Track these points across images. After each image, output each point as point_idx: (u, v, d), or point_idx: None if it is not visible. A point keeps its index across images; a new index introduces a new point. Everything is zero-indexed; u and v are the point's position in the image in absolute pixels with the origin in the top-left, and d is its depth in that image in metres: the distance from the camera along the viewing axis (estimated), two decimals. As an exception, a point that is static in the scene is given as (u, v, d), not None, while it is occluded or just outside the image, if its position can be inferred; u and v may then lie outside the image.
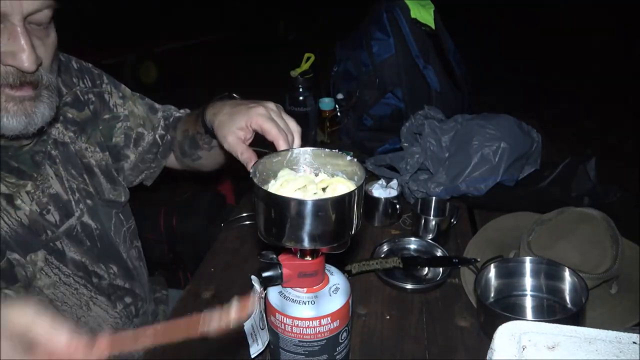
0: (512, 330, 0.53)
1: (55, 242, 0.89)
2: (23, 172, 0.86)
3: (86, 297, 0.93)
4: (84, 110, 0.99)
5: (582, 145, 3.81)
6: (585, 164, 1.24)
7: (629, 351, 0.50)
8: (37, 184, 0.87)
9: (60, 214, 0.90)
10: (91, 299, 0.94)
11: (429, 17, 1.51)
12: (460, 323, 0.94)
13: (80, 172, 0.96)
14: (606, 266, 0.94)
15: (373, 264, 1.06)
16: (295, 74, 1.55)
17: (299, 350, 0.73)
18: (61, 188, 0.92)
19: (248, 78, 5.80)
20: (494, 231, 1.19)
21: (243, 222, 1.29)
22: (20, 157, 0.86)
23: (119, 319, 1.00)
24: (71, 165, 0.94)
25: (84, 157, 0.97)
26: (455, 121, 1.35)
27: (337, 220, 0.64)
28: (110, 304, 0.98)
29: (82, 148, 0.97)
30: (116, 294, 0.99)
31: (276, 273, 0.71)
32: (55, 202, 0.90)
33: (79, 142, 0.97)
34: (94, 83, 1.02)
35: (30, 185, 0.87)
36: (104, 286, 0.97)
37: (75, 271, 0.92)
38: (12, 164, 0.85)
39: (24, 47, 0.71)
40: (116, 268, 1.00)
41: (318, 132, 1.69)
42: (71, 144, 0.95)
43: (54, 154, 0.92)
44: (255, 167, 0.70)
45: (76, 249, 0.92)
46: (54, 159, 0.91)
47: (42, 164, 0.89)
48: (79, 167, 0.96)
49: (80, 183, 0.95)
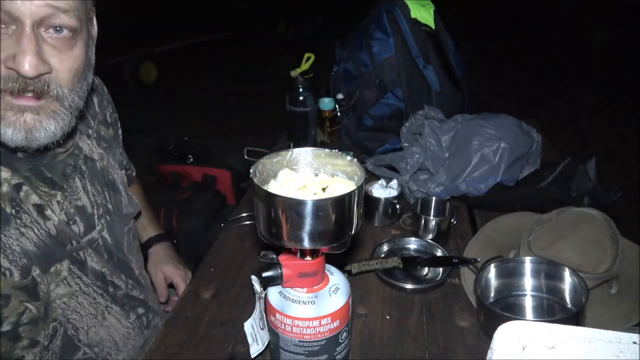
0: (512, 330, 0.53)
1: (79, 252, 0.90)
2: (55, 183, 0.87)
3: (102, 306, 0.94)
4: (109, 130, 1.05)
5: (582, 145, 3.81)
6: (585, 164, 1.24)
7: (629, 351, 0.50)
8: (65, 195, 0.88)
9: (85, 226, 0.92)
10: (107, 308, 0.95)
11: (429, 17, 1.51)
12: (460, 323, 0.94)
13: (104, 189, 0.98)
14: (606, 266, 0.94)
15: (373, 264, 1.06)
16: (295, 74, 1.55)
17: (299, 350, 0.73)
18: (87, 201, 0.93)
19: (248, 78, 5.81)
20: (494, 231, 1.19)
21: (243, 222, 1.29)
22: (53, 168, 0.87)
23: (132, 329, 1.01)
24: (97, 180, 0.96)
25: (109, 174, 1.00)
26: (455, 121, 1.35)
27: (337, 220, 0.64)
28: (124, 314, 0.99)
29: (109, 164, 1.01)
30: (130, 304, 1.01)
31: (276, 273, 0.71)
32: (81, 214, 0.91)
33: (107, 159, 1.00)
34: (114, 110, 1.10)
35: (60, 196, 0.87)
36: (120, 296, 0.99)
37: (95, 280, 0.93)
38: (46, 173, 0.86)
39: (26, 49, 0.69)
40: (132, 280, 1.02)
41: (318, 132, 1.69)
42: (98, 160, 0.98)
43: (84, 168, 0.94)
44: (255, 167, 0.70)
45: (97, 259, 0.94)
46: (83, 173, 0.93)
47: (72, 176, 0.90)
48: (102, 183, 0.98)
49: (102, 199, 0.97)
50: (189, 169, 2.01)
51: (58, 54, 0.74)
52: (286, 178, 0.71)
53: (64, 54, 0.74)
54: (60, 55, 0.74)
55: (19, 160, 0.82)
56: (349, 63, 1.60)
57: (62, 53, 0.74)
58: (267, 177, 0.72)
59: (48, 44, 0.72)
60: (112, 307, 0.96)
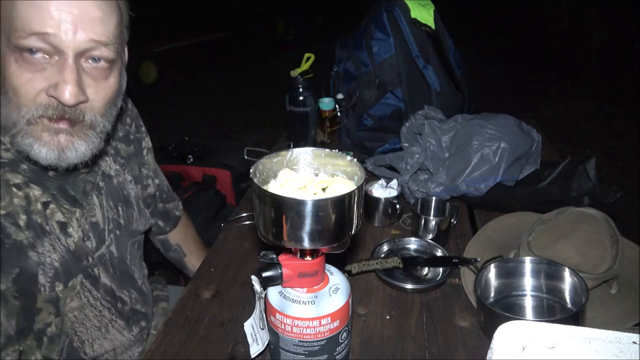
0: (512, 330, 0.53)
1: (93, 269, 0.93)
2: (76, 200, 0.90)
3: (107, 319, 0.96)
4: (130, 146, 1.07)
5: (582, 145, 3.81)
6: (585, 164, 1.24)
7: (629, 351, 0.50)
8: (83, 212, 0.91)
9: (96, 242, 0.94)
10: (111, 322, 0.97)
11: (429, 17, 1.51)
12: (460, 323, 0.94)
13: (117, 204, 1.00)
14: (606, 266, 0.94)
15: (373, 264, 1.06)
16: (295, 74, 1.55)
17: (299, 350, 0.73)
18: (101, 217, 0.96)
19: (248, 78, 5.81)
20: (494, 231, 1.19)
21: (243, 222, 1.29)
22: (76, 186, 0.90)
23: (133, 341, 1.03)
24: (112, 196, 0.99)
25: (124, 189, 1.03)
26: (455, 121, 1.35)
27: (337, 220, 0.64)
28: (127, 327, 1.01)
29: (125, 180, 1.04)
30: (134, 318, 1.03)
31: (276, 273, 0.71)
32: (94, 230, 0.94)
33: (123, 175, 1.03)
34: (139, 129, 1.11)
35: (79, 213, 0.90)
36: (125, 311, 1.01)
37: (104, 295, 0.95)
38: (69, 191, 0.89)
39: (67, 80, 0.72)
40: (136, 293, 1.04)
41: (318, 132, 1.69)
42: (115, 176, 1.01)
43: (101, 185, 0.96)
44: (255, 167, 0.70)
45: (106, 275, 0.96)
46: (100, 190, 0.96)
47: (91, 194, 0.93)
48: (117, 198, 1.00)
49: (114, 214, 0.99)
50: (189, 169, 2.02)
51: (95, 84, 0.77)
52: (286, 178, 0.71)
53: (100, 83, 0.78)
54: (97, 85, 0.78)
55: (49, 178, 0.85)
56: (349, 63, 1.60)
57: (98, 83, 0.78)
58: (267, 177, 0.72)
59: (87, 73, 0.76)
60: (116, 321, 0.98)
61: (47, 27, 0.70)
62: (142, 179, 1.13)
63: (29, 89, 0.73)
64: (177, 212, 1.27)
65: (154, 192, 1.18)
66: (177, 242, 1.30)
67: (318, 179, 0.73)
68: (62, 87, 0.72)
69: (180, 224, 1.31)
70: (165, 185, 1.23)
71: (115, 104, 0.84)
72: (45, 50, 0.72)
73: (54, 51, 0.72)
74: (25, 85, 0.73)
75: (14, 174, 0.80)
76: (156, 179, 1.18)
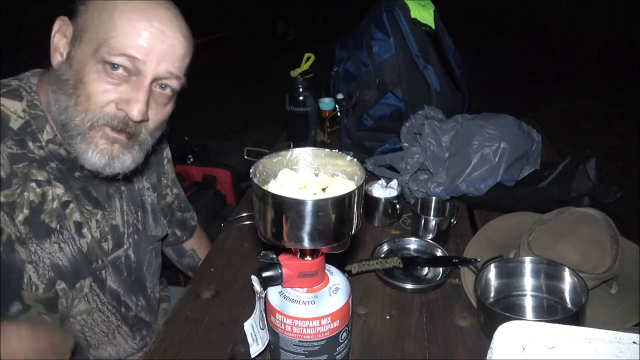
0: (512, 330, 0.53)
1: (101, 271, 0.95)
2: (98, 202, 0.94)
3: (114, 325, 0.99)
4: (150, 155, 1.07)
5: (582, 145, 3.81)
6: (585, 164, 1.24)
7: (629, 351, 0.50)
8: (105, 214, 0.95)
9: (113, 244, 0.97)
10: (117, 328, 1.00)
11: (429, 17, 1.51)
12: (460, 323, 0.94)
13: (137, 209, 1.04)
14: (606, 266, 0.94)
15: (373, 264, 1.06)
16: (295, 74, 1.55)
17: (299, 350, 0.73)
18: (121, 221, 0.99)
19: (248, 78, 5.80)
20: (494, 231, 1.19)
21: (243, 222, 1.29)
22: (99, 188, 0.94)
23: (136, 349, 1.05)
24: (132, 201, 1.03)
25: (142, 195, 1.07)
26: (455, 121, 1.35)
27: (337, 220, 0.64)
28: (131, 335, 1.03)
29: (143, 187, 1.08)
30: (137, 326, 1.05)
31: (276, 273, 0.71)
32: (113, 232, 0.97)
33: (142, 181, 1.08)
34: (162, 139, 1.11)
35: (100, 215, 0.94)
36: (130, 317, 1.03)
37: (110, 300, 0.97)
38: (92, 193, 0.93)
39: (140, 99, 0.80)
40: (143, 301, 1.06)
41: (318, 132, 1.69)
42: (136, 182, 1.05)
43: (123, 189, 1.01)
44: (255, 167, 0.70)
45: (115, 278, 0.98)
46: (122, 194, 1.00)
47: (114, 197, 0.97)
48: (137, 203, 1.04)
49: (134, 219, 1.03)
50: (189, 169, 2.01)
51: (156, 107, 0.85)
52: (286, 178, 0.71)
53: (160, 108, 0.86)
54: (157, 108, 0.85)
55: (74, 179, 0.89)
56: (349, 63, 1.60)
57: (159, 107, 0.86)
58: (267, 177, 0.72)
59: (153, 97, 0.84)
60: (122, 327, 1.00)
61: (138, 53, 0.78)
62: (161, 188, 1.15)
63: (102, 97, 0.79)
64: (192, 222, 1.29)
65: (171, 201, 1.20)
66: (192, 247, 1.31)
67: (318, 179, 0.73)
68: (134, 104, 0.79)
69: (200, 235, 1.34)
70: (182, 195, 1.26)
71: (163, 127, 0.92)
72: (128, 70, 0.79)
73: (135, 72, 0.79)
74: (100, 94, 0.79)
75: (40, 171, 0.84)
76: (175, 188, 1.21)
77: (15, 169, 0.81)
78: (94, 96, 0.78)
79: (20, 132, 0.82)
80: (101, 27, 0.78)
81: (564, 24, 6.35)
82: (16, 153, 0.82)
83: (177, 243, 1.29)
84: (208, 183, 1.97)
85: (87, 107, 0.79)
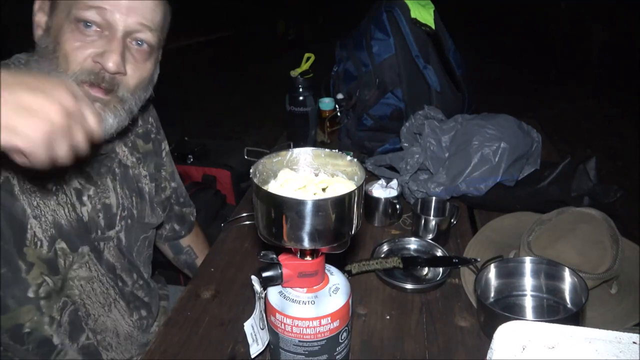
0: (512, 330, 0.53)
1: (99, 242, 0.96)
2: (90, 177, 0.95)
3: (111, 298, 1.00)
4: (148, 144, 1.12)
5: (582, 145, 3.81)
6: (585, 164, 1.24)
7: (629, 351, 0.50)
8: (97, 190, 0.96)
9: (105, 223, 0.98)
10: (114, 301, 1.00)
11: (429, 17, 1.51)
12: (460, 323, 0.94)
13: (132, 194, 1.05)
14: (606, 266, 0.94)
15: (373, 264, 1.06)
16: (295, 74, 1.55)
17: (299, 350, 0.73)
18: (115, 202, 1.00)
19: (248, 78, 5.81)
20: (494, 231, 1.19)
21: (243, 222, 1.29)
22: (89, 165, 0.95)
23: (133, 328, 1.05)
24: (127, 185, 1.03)
25: (139, 182, 1.08)
26: (455, 121, 1.35)
27: (337, 220, 0.64)
28: (127, 311, 1.03)
29: (140, 174, 1.08)
30: (134, 304, 1.05)
31: (276, 273, 0.71)
32: (105, 211, 0.98)
33: (139, 168, 1.08)
34: (159, 131, 1.18)
35: (92, 191, 0.95)
36: (127, 293, 1.03)
37: (107, 272, 0.98)
38: (84, 168, 0.93)
39: (114, 49, 0.81)
40: (140, 280, 1.07)
41: (318, 132, 1.69)
42: (131, 168, 1.05)
43: (117, 171, 1.01)
44: (255, 167, 0.70)
45: (113, 253, 1.00)
46: (115, 176, 1.01)
47: (105, 176, 0.98)
48: (132, 189, 1.05)
49: (129, 203, 1.03)
50: (189, 169, 2.02)
51: (134, 63, 0.86)
52: (286, 178, 0.71)
53: (139, 64, 0.86)
54: (136, 64, 0.86)
55: None
56: (349, 63, 1.60)
57: (137, 63, 0.86)
58: (267, 177, 0.72)
59: (130, 52, 0.84)
60: (119, 301, 1.01)
61: (106, 5, 0.79)
62: (159, 180, 1.16)
63: (78, 54, 0.80)
64: (192, 217, 1.30)
65: (170, 194, 1.21)
66: (189, 244, 1.32)
67: (318, 179, 0.73)
68: (108, 55, 0.80)
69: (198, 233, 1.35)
70: (183, 190, 1.27)
71: (146, 89, 0.92)
72: (98, 24, 0.80)
73: (106, 26, 0.80)
74: (76, 51, 0.80)
75: None
76: (173, 182, 1.21)
77: None
78: (70, 54, 0.80)
79: None
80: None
81: (564, 24, 6.35)
82: None
83: (174, 238, 1.29)
84: (208, 183, 1.97)
85: (66, 66, 0.80)
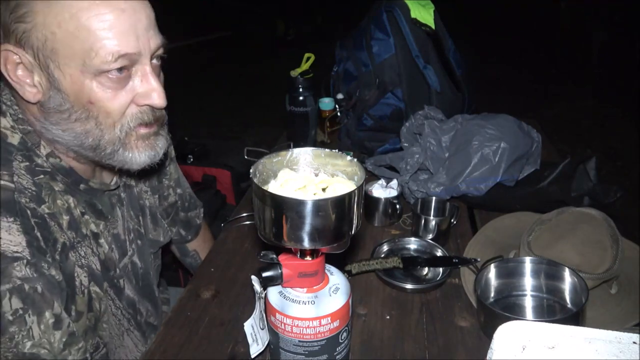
0: (512, 330, 0.53)
1: (118, 280, 0.93)
2: (102, 214, 0.91)
3: (124, 328, 0.97)
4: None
5: (582, 145, 3.81)
6: (585, 164, 1.24)
7: (629, 351, 0.50)
8: (107, 224, 0.92)
9: (119, 253, 0.95)
10: (127, 331, 0.98)
11: (429, 17, 1.51)
12: (460, 323, 0.94)
13: (137, 214, 1.02)
14: (606, 266, 0.94)
15: (373, 264, 1.06)
16: (295, 74, 1.55)
17: (299, 350, 0.73)
18: (122, 229, 0.96)
19: (248, 78, 5.80)
20: (494, 231, 1.19)
21: (243, 222, 1.29)
22: (103, 200, 0.91)
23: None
24: (132, 206, 1.00)
25: (141, 199, 1.04)
26: (455, 121, 1.35)
27: (337, 220, 0.64)
28: (142, 340, 1.01)
29: (141, 190, 1.05)
30: (148, 331, 1.04)
31: (276, 273, 0.71)
32: (116, 241, 0.94)
33: (140, 184, 1.04)
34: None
35: (102, 225, 0.91)
36: (142, 323, 1.01)
37: (127, 307, 0.96)
38: (97, 205, 0.90)
39: (155, 85, 0.78)
40: (151, 306, 1.05)
41: (318, 132, 1.69)
42: (135, 186, 1.02)
43: (123, 196, 0.98)
44: (255, 167, 0.70)
45: (130, 286, 0.97)
46: (122, 201, 0.97)
47: (115, 206, 0.95)
48: (137, 208, 1.02)
49: (135, 224, 1.00)
50: (189, 169, 2.01)
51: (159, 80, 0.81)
52: (286, 178, 0.71)
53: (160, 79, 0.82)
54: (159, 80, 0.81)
55: (80, 192, 0.86)
56: (349, 63, 1.60)
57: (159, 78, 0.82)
58: (267, 177, 0.72)
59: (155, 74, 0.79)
60: (133, 332, 0.99)
61: (132, 48, 0.73)
62: (162, 190, 1.14)
63: (121, 106, 0.76)
64: (198, 220, 1.28)
65: (174, 201, 1.18)
66: (195, 248, 1.31)
67: (318, 179, 0.73)
68: (153, 94, 0.77)
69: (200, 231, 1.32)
70: (188, 193, 1.23)
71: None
72: (127, 66, 0.75)
73: (133, 63, 0.75)
74: (118, 104, 0.76)
75: (56, 182, 0.81)
76: (178, 188, 1.19)
77: (37, 180, 0.78)
78: (114, 110, 0.76)
79: (22, 147, 0.78)
80: (74, 39, 0.70)
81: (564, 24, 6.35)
82: (30, 166, 0.77)
83: (181, 242, 1.28)
84: (208, 183, 1.97)
85: (112, 121, 0.77)
